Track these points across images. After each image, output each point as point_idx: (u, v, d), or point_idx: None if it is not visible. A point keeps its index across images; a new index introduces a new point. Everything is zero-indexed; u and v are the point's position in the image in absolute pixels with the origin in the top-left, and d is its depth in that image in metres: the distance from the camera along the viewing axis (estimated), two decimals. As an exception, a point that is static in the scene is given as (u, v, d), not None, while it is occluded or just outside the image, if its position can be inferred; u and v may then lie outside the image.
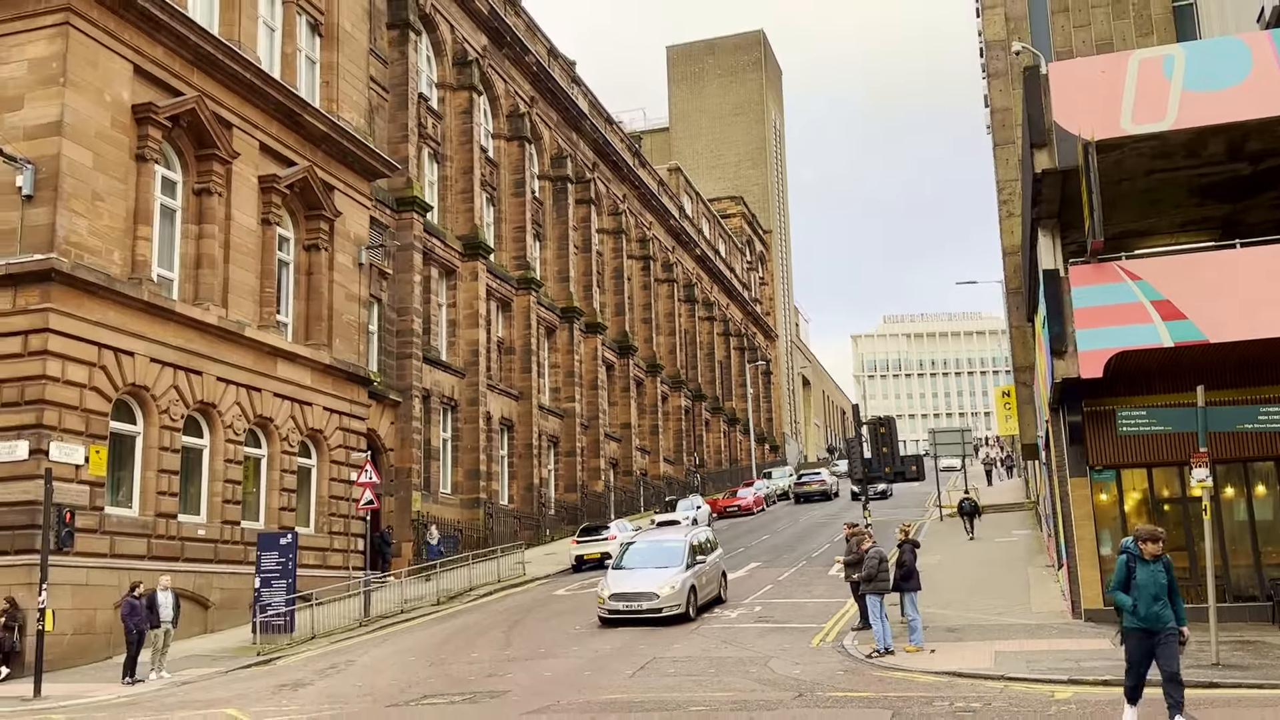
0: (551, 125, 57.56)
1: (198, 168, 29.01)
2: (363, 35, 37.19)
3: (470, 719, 14.30)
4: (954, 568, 29.76)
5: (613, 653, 19.74)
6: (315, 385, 32.34)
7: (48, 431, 23.21)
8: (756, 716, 13.04)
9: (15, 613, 22.07)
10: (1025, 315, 32.27)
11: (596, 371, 58.87)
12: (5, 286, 24.02)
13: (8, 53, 25.23)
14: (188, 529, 27.26)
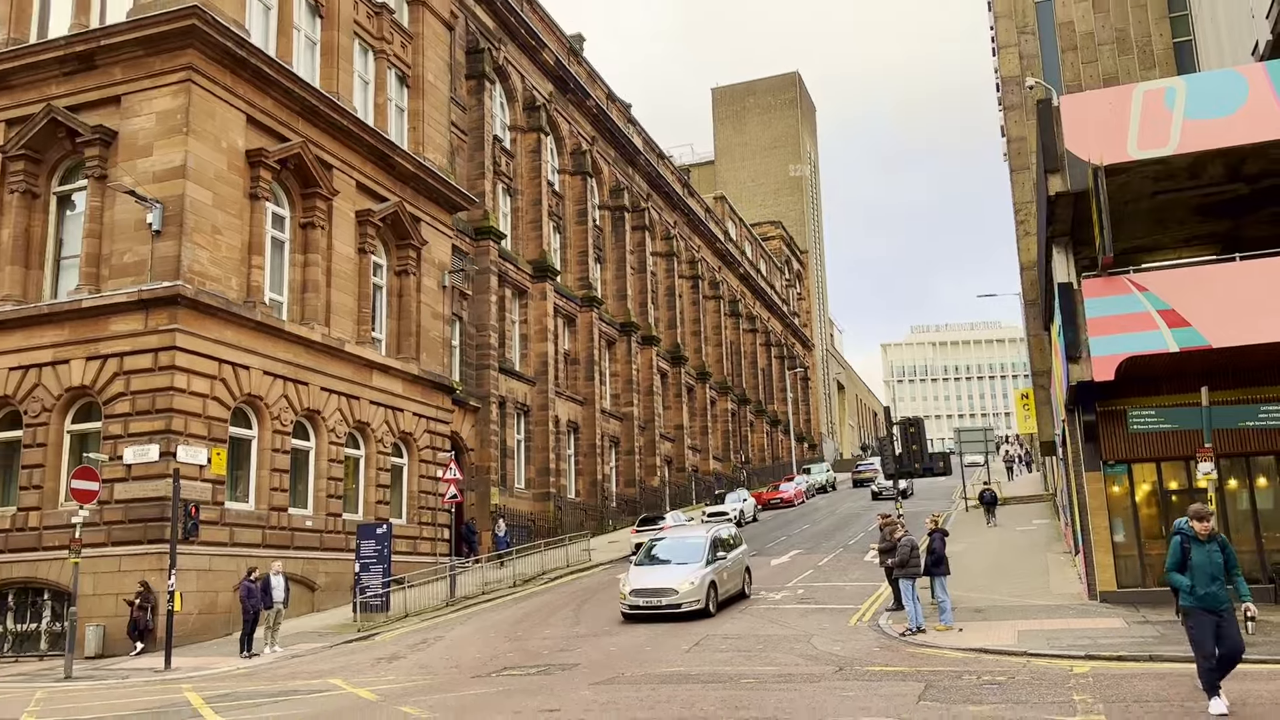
0: (610, 161, 57.81)
1: (303, 204, 29.45)
2: (444, 85, 37.66)
3: (545, 689, 14.27)
4: (979, 554, 29.43)
5: (669, 631, 19.68)
6: (406, 394, 32.69)
7: (175, 436, 23.59)
8: (801, 688, 12.97)
9: (148, 595, 22.36)
10: (1042, 324, 31.92)
11: (652, 379, 58.93)
12: (138, 310, 24.53)
13: (138, 107, 25.82)
14: (296, 520, 27.63)
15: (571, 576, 32.82)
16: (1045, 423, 36.43)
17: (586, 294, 51.37)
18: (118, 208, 25.44)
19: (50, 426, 25.05)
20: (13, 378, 25.46)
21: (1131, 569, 20.61)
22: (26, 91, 27.00)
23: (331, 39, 31.45)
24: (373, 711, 13.49)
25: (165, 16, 25.26)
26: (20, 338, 25.64)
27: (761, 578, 27.83)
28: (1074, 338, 19.27)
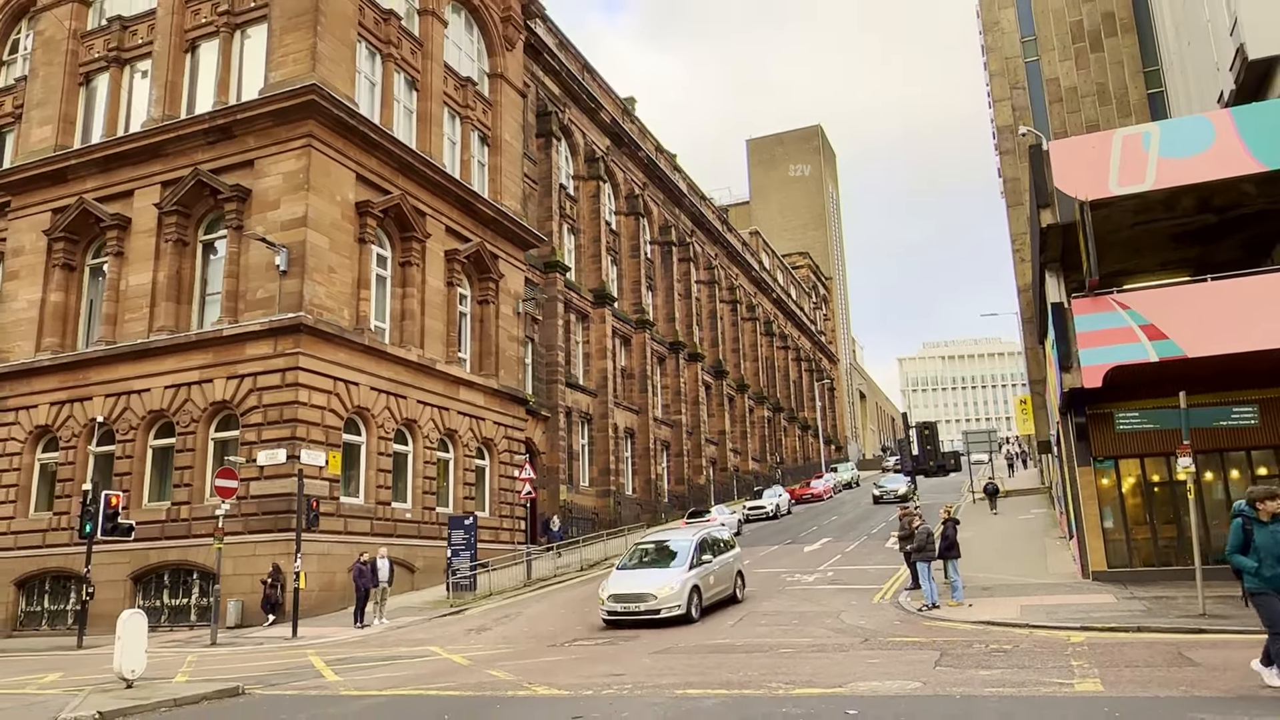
0: (659, 203, 58.10)
1: (401, 246, 29.98)
2: (518, 143, 38.23)
3: (610, 657, 14.39)
4: (985, 540, 29.09)
5: (715, 608, 19.65)
6: (487, 405, 33.06)
7: (299, 442, 24.10)
8: (832, 656, 12.97)
9: (278, 575, 22.82)
10: (1037, 339, 31.63)
11: (698, 391, 58.94)
12: (268, 337, 25.14)
13: (268, 168, 26.53)
14: (398, 513, 28.07)
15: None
16: (1041, 424, 36.05)
17: (640, 318, 51.60)
18: (251, 252, 26.17)
19: (197, 435, 25.72)
20: (167, 394, 26.23)
21: (1120, 551, 20.36)
22: (177, 158, 27.82)
23: (426, 108, 32.16)
24: (466, 673, 13.65)
25: (289, 94, 26.06)
26: (173, 361, 26.41)
27: (795, 562, 27.75)
28: (1066, 350, 19.14)
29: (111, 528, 22.22)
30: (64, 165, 29.41)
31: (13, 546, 27.31)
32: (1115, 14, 33.98)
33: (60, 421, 27.68)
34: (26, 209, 30.21)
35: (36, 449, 28.38)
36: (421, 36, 32.37)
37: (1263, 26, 18.88)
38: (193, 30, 29.33)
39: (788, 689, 10.54)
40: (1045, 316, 22.80)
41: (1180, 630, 13.48)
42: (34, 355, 28.53)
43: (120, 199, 28.61)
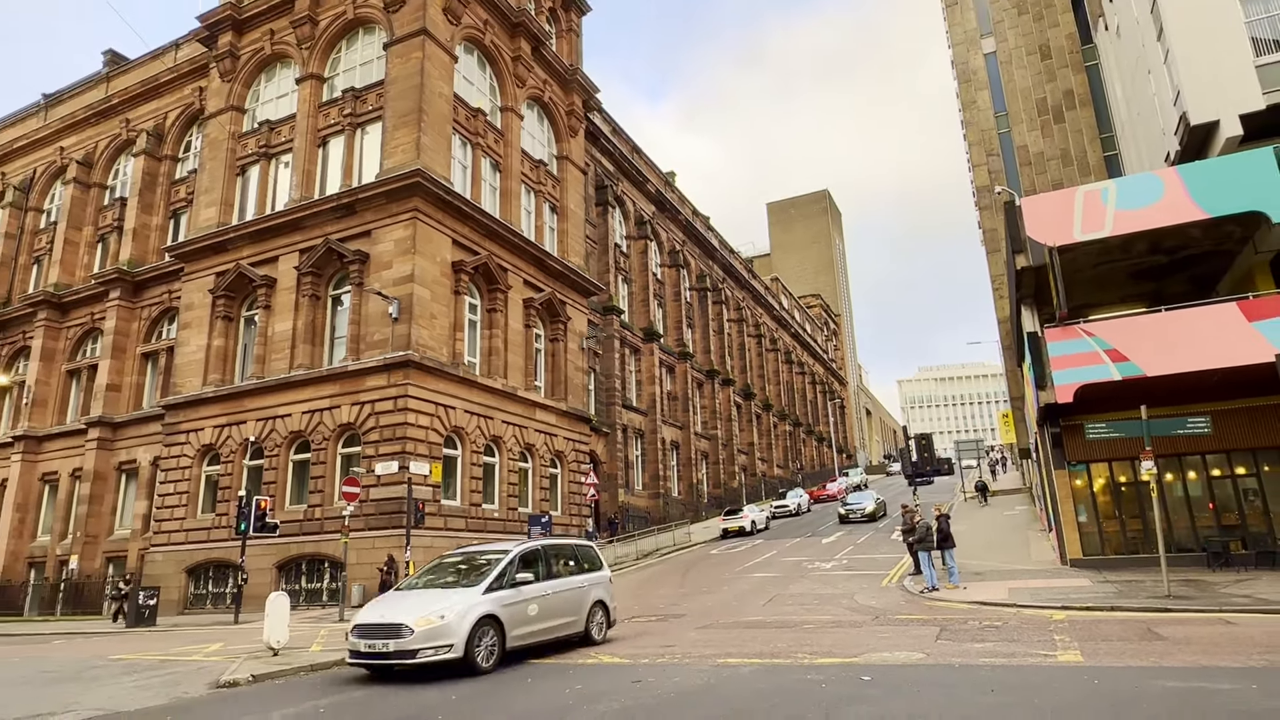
0: (696, 257, 58.26)
1: (488, 296, 30.29)
2: (581, 211, 38.70)
3: (663, 631, 14.30)
4: (976, 533, 28.34)
5: (749, 591, 19.47)
6: (558, 424, 33.10)
7: (408, 455, 24.27)
8: (849, 631, 12.75)
9: (392, 563, 22.83)
10: (1016, 363, 30.87)
11: (730, 409, 58.60)
12: (383, 371, 25.46)
13: (382, 236, 27.01)
14: (487, 512, 28.04)
15: (677, 552, 32.71)
16: (1021, 434, 35.06)
17: (681, 350, 51.59)
18: (370, 304, 26.52)
19: (328, 451, 26.01)
20: (305, 418, 26.60)
21: (1093, 542, 19.75)
22: (312, 230, 28.46)
23: (507, 185, 32.70)
24: (545, 645, 13.67)
25: (400, 177, 26.67)
26: (308, 392, 26.82)
27: (815, 552, 27.24)
28: (1041, 372, 18.76)
29: (261, 526, 22.71)
30: (224, 238, 30.18)
31: (184, 541, 27.80)
32: (1074, 91, 33.41)
33: (222, 441, 28.22)
34: (196, 274, 31.08)
35: (203, 463, 28.89)
36: (503, 128, 33.04)
37: (1202, 97, 18.50)
38: (324, 129, 30.25)
39: (812, 658, 10.40)
40: (1022, 344, 22.33)
41: (1149, 609, 13.05)
42: (201, 388, 29.19)
43: (268, 263, 29.25)
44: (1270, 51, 18.38)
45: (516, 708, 8.48)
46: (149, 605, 23.89)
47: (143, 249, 35.81)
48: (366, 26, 30.49)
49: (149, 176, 36.67)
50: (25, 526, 34.72)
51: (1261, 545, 17.71)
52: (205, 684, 11.35)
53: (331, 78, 30.84)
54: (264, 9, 32.17)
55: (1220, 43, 18.50)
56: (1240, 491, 19.03)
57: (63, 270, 37.85)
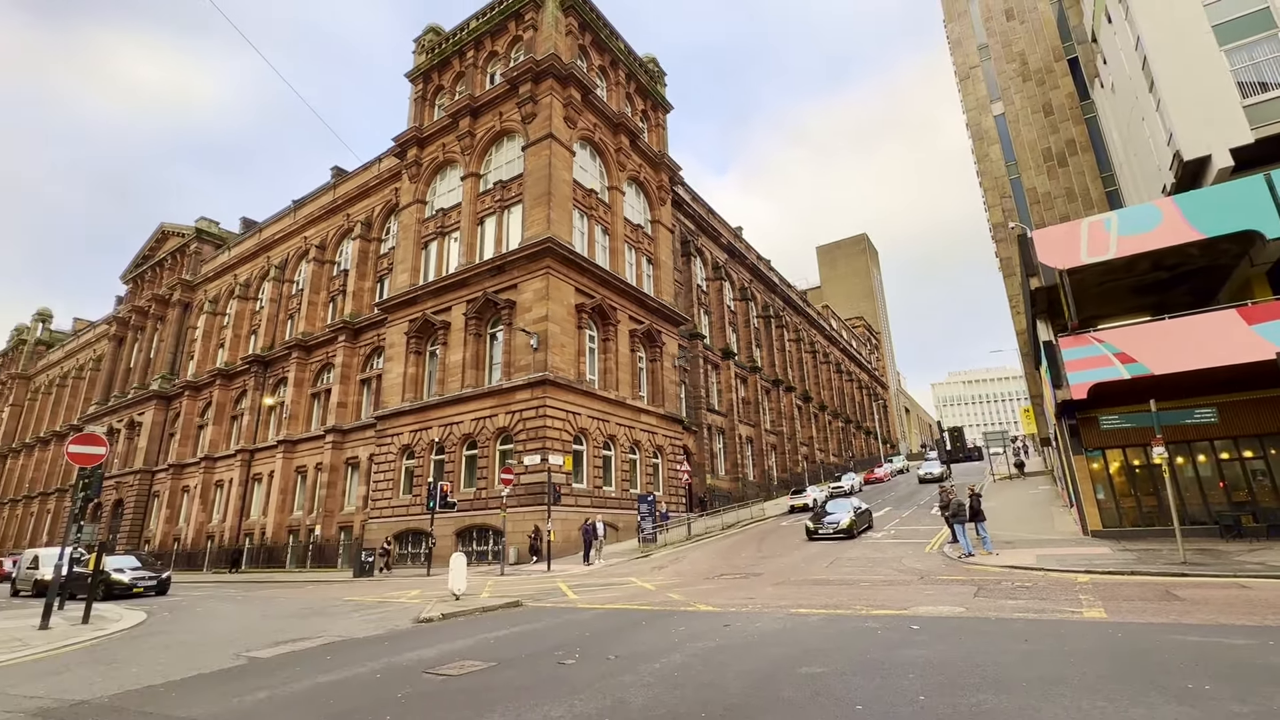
0: (761, 291, 57.29)
1: (602, 329, 30.57)
2: (670, 260, 38.83)
3: (745, 586, 13.99)
4: (1004, 508, 26.31)
5: (815, 555, 18.73)
6: (657, 425, 32.96)
7: (547, 450, 24.68)
8: (898, 588, 12.07)
9: (538, 532, 23.28)
10: (1034, 366, 28.62)
11: (793, 410, 56.99)
12: (528, 388, 25.95)
13: (524, 288, 27.73)
14: (607, 493, 28.05)
15: (753, 525, 31.87)
16: (1041, 425, 32.39)
17: (751, 365, 50.69)
18: (516, 338, 27.35)
19: (490, 448, 26.68)
20: (473, 424, 27.36)
21: (1112, 515, 17.94)
22: (474, 286, 29.48)
23: (614, 245, 33.14)
24: (653, 595, 13.58)
25: (535, 244, 27.49)
26: (475, 404, 27.64)
27: (931, 482, 26.02)
28: (1057, 373, 17.30)
29: (443, 504, 23.76)
30: (414, 295, 31.62)
31: (391, 515, 29.03)
32: (1075, 140, 30.93)
33: (415, 441, 29.36)
34: (395, 321, 32.73)
35: (403, 458, 30.02)
36: (609, 203, 33.66)
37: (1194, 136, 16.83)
38: (481, 212, 31.65)
39: (868, 609, 9.94)
40: (1039, 351, 20.74)
41: (1167, 574, 11.68)
42: (400, 404, 30.49)
43: (444, 312, 30.43)
44: (1256, 93, 16.53)
45: (635, 642, 8.50)
46: (368, 561, 25.37)
47: (359, 305, 38.45)
48: (509, 135, 31.93)
49: (362, 253, 39.47)
50: (286, 504, 37.39)
51: (1272, 519, 15.63)
52: (409, 619, 11.95)
53: (485, 174, 32.34)
54: (438, 129, 34.27)
55: (1208, 89, 16.81)
56: (1249, 472, 16.87)
57: (307, 323, 41.00)
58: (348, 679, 7.18)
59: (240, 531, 38.24)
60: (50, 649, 10.55)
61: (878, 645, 7.38)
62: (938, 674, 6.16)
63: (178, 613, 15.85)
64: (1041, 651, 6.75)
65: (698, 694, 5.91)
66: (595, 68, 34.42)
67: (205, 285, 51.40)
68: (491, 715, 5.57)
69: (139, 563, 22.82)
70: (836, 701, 5.51)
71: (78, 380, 64.78)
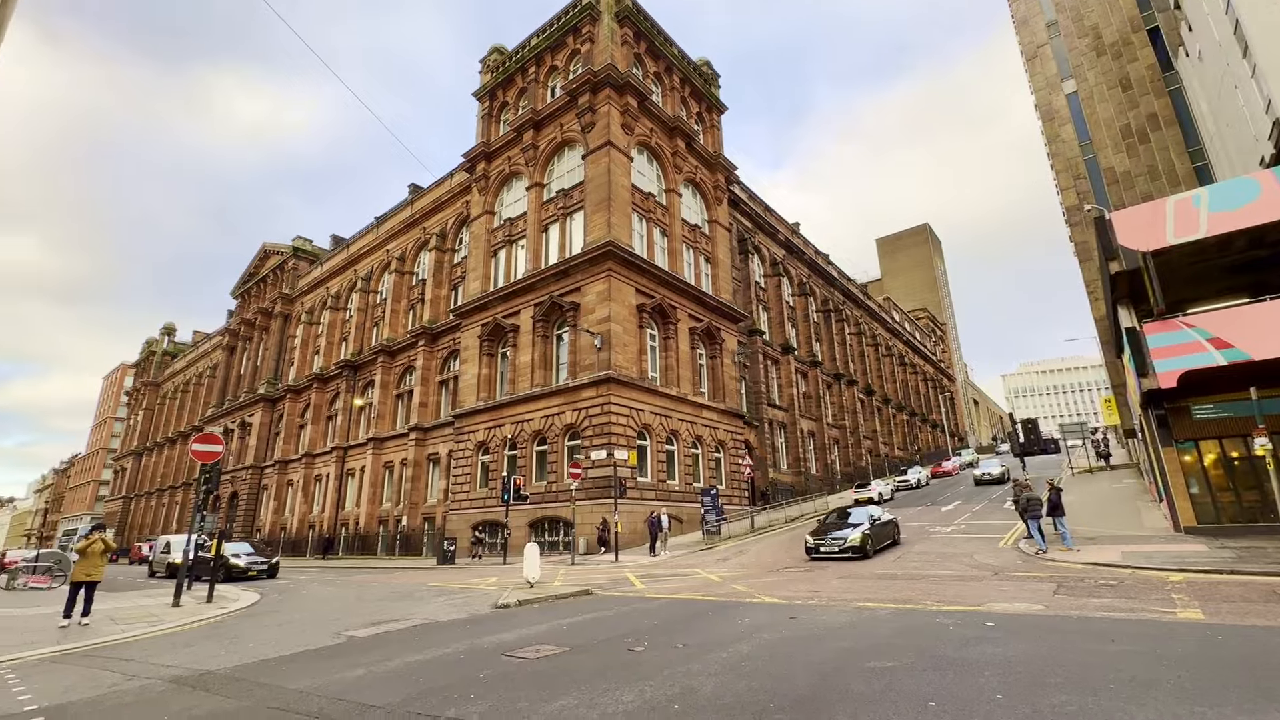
0: (820, 286, 55.76)
1: (662, 328, 30.58)
2: (728, 259, 38.39)
3: (810, 579, 13.56)
4: (1087, 502, 24.48)
5: (885, 547, 18.17)
6: (719, 420, 32.65)
7: (613, 445, 24.87)
8: (970, 584, 11.41)
9: (606, 524, 23.51)
10: (1114, 355, 26.48)
11: (855, 404, 55.16)
12: (593, 386, 26.26)
13: (587, 290, 28.17)
14: (670, 486, 27.98)
15: (817, 517, 31.13)
16: (1125, 416, 29.89)
17: (812, 359, 49.40)
18: (581, 339, 27.73)
19: (558, 444, 27.10)
20: (542, 421, 27.89)
21: (1207, 511, 16.33)
22: (540, 291, 30.07)
23: (672, 245, 33.09)
24: (718, 586, 13.45)
25: (597, 248, 27.82)
26: (543, 403, 28.19)
27: (935, 519, 24.62)
28: (1142, 361, 15.95)
29: (516, 497, 24.24)
30: (485, 301, 32.46)
31: (469, 507, 29.99)
32: (1158, 114, 28.37)
33: (489, 438, 30.20)
34: (469, 326, 33.54)
35: (479, 454, 30.65)
36: (667, 205, 33.62)
37: (1296, 102, 15.06)
38: (545, 219, 32.31)
39: (939, 605, 9.47)
40: (1120, 338, 19.15)
41: (1273, 574, 10.47)
42: (475, 403, 31.47)
43: (513, 315, 31.16)
44: (1372, 50, 14.63)
45: (702, 632, 8.45)
46: (450, 550, 26.43)
47: (436, 312, 40.08)
48: (570, 145, 32.44)
49: (438, 263, 41.11)
50: (375, 496, 39.31)
51: (1401, 516, 13.81)
52: (488, 605, 12.34)
53: (548, 184, 32.98)
54: (504, 143, 35.23)
55: (1313, 50, 15.01)
56: (1371, 465, 14.98)
57: (390, 329, 43.06)
58: (435, 659, 7.50)
59: (337, 521, 40.64)
60: (181, 624, 11.57)
61: (950, 641, 7.04)
62: (1016, 672, 5.81)
63: (286, 594, 17.02)
64: (1131, 652, 6.24)
65: (766, 684, 5.82)
66: (650, 74, 34.44)
67: (302, 298, 54.92)
68: (567, 698, 5.69)
69: (252, 549, 24.67)
70: (907, 697, 5.29)
71: (198, 386, 70.69)
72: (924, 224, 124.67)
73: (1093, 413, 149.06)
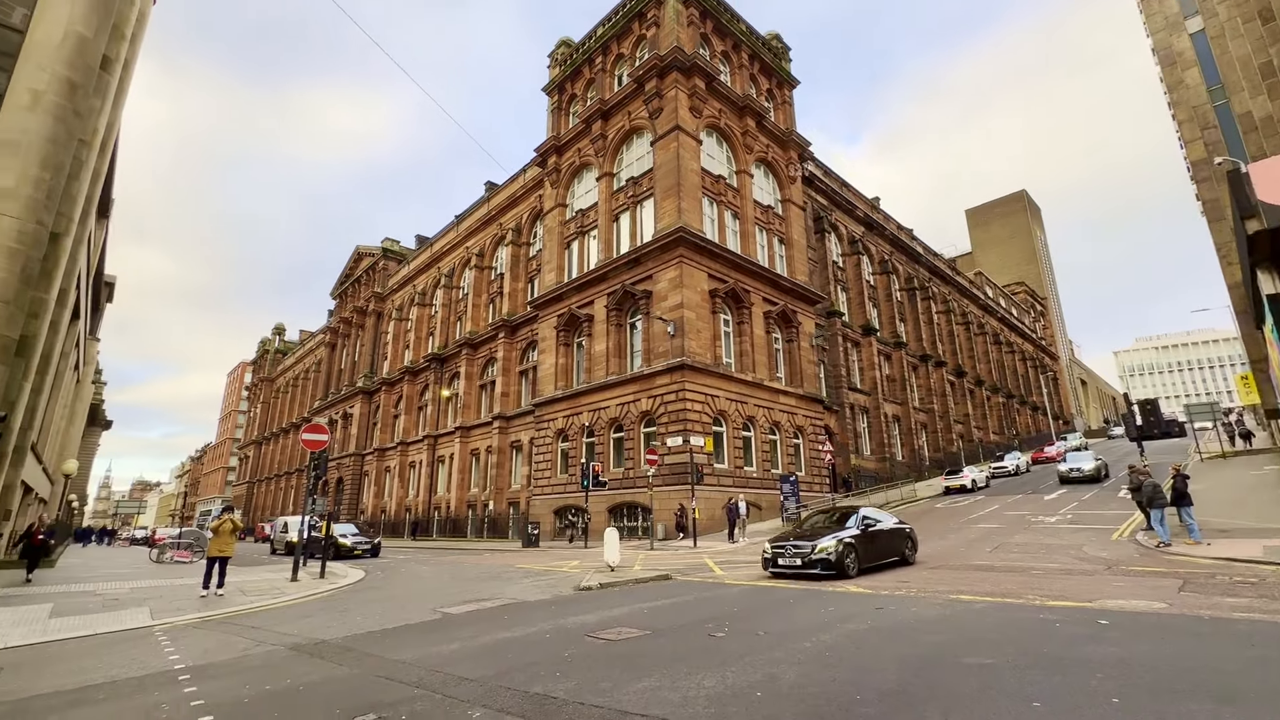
0: (903, 263, 52.91)
1: (736, 312, 30.19)
2: (803, 239, 37.20)
3: (898, 570, 12.99)
4: (1219, 491, 21.91)
5: (975, 539, 16.83)
6: (797, 405, 32.02)
7: (688, 431, 24.86)
8: (1079, 579, 10.49)
9: (683, 510, 23.60)
10: (1254, 325, 23.50)
11: (944, 386, 52.08)
12: (667, 373, 26.38)
13: (659, 277, 28.31)
14: (748, 472, 27.83)
15: (903, 506, 29.53)
16: (1267, 395, 26.48)
17: (896, 340, 47.09)
18: (654, 326, 27.91)
19: (635, 430, 27.46)
20: (618, 409, 28.33)
21: (1374, 504, 14.22)
22: (612, 280, 30.43)
23: (744, 228, 32.53)
24: (800, 574, 13.25)
25: (667, 235, 27.78)
26: (619, 390, 28.60)
27: (1037, 508, 22.79)
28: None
29: (595, 483, 24.92)
30: (560, 292, 33.05)
31: (550, 493, 30.89)
32: (1309, 46, 24.58)
33: (568, 425, 30.89)
34: (545, 317, 34.22)
35: (558, 441, 31.39)
36: (738, 186, 32.99)
37: None
38: (616, 208, 32.56)
39: (1043, 600, 8.78)
40: (1260, 306, 16.93)
41: None
42: (553, 392, 32.30)
43: (587, 305, 31.69)
44: None
45: (783, 620, 8.34)
46: (534, 534, 27.47)
47: (514, 304, 41.44)
48: (638, 132, 32.41)
49: (514, 257, 42.43)
50: (464, 482, 41.38)
51: None
52: (571, 587, 12.71)
53: (618, 173, 33.17)
54: (573, 135, 35.71)
55: None
56: None
57: (473, 323, 44.98)
58: (522, 637, 7.83)
59: (430, 505, 43.22)
60: (299, 597, 12.73)
61: (1057, 639, 6.55)
62: (1135, 675, 5.32)
63: (387, 572, 18.32)
64: (1276, 659, 5.56)
65: (851, 676, 5.66)
66: (718, 54, 33.72)
67: (392, 296, 58.41)
68: (649, 679, 5.78)
69: (356, 530, 26.75)
70: (1009, 696, 4.98)
71: (305, 380, 77.04)
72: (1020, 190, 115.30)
73: (1225, 391, 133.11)
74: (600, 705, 5.11)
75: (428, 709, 5.22)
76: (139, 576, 18.35)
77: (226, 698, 5.76)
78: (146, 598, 13.05)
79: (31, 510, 32.23)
